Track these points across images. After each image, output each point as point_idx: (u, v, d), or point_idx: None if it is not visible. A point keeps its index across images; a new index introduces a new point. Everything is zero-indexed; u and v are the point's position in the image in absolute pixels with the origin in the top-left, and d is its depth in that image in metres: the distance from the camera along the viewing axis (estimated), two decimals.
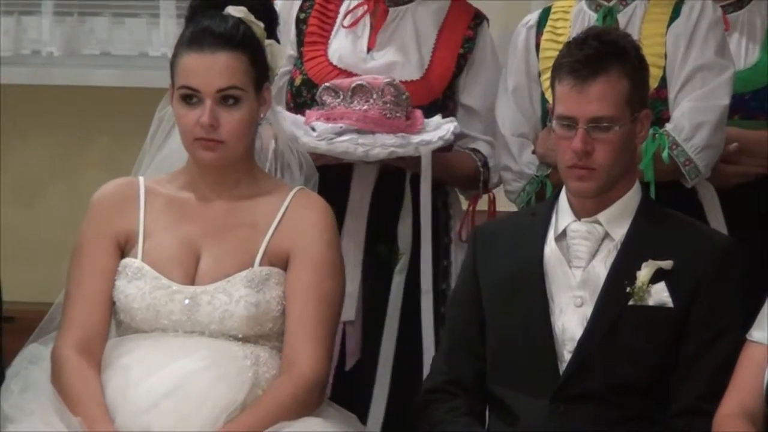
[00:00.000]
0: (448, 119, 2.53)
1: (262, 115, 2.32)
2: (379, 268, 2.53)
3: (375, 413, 2.51)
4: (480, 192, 2.62)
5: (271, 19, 2.36)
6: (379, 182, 2.53)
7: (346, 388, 2.45)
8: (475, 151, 2.60)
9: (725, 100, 2.45)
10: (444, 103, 2.57)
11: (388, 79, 2.48)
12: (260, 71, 2.29)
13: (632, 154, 2.25)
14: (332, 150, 2.43)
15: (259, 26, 2.30)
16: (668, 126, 2.44)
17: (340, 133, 2.45)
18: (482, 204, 2.68)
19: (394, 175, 2.53)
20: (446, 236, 2.63)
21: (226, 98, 2.24)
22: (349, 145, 2.43)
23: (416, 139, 2.46)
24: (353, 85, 2.47)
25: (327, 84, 2.50)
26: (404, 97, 2.48)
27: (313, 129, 2.46)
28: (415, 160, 2.47)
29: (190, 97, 2.25)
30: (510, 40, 2.63)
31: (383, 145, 2.44)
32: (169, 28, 3.30)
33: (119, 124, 3.25)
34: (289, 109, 2.59)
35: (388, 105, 2.46)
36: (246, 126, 2.27)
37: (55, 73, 3.38)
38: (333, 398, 2.37)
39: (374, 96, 2.45)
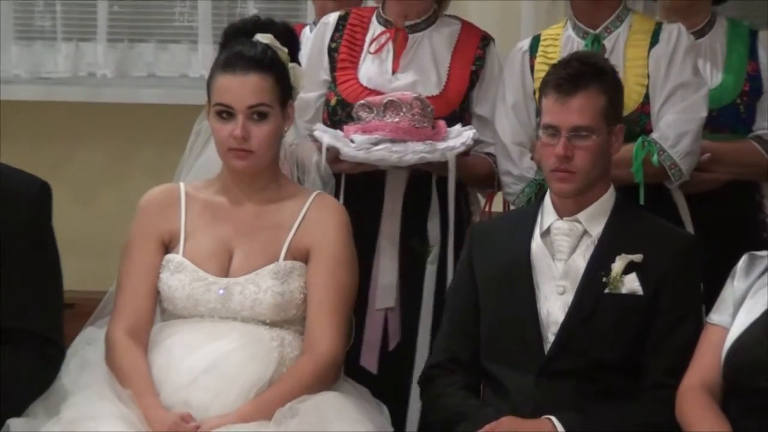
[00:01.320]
0: (467, 127, 2.52)
1: (286, 129, 2.32)
2: (413, 261, 2.52)
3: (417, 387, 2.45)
4: (495, 189, 2.61)
5: (293, 45, 2.36)
6: (409, 186, 2.53)
7: (390, 365, 2.45)
8: (490, 154, 2.59)
9: (703, 113, 2.45)
10: (461, 114, 2.56)
11: (415, 95, 2.48)
12: (285, 90, 2.29)
13: (607, 161, 2.25)
14: (369, 158, 2.43)
15: (283, 51, 2.31)
16: (655, 135, 2.43)
17: (375, 143, 2.45)
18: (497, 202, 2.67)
19: (421, 180, 2.53)
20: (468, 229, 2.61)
21: (256, 114, 2.24)
22: (385, 153, 2.43)
23: (442, 145, 2.46)
24: (385, 101, 2.48)
25: (361, 101, 2.50)
26: (429, 109, 2.49)
27: (352, 141, 2.46)
28: (441, 164, 2.47)
29: (224, 113, 2.26)
30: (504, 61, 2.60)
31: (414, 151, 2.43)
32: (206, 53, 3.26)
33: (163, 136, 3.21)
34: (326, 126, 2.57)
35: (416, 117, 2.46)
36: (273, 138, 2.27)
37: (108, 92, 3.37)
38: (379, 374, 2.40)
39: (404, 109, 2.46)
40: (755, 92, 2.57)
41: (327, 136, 2.46)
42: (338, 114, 2.56)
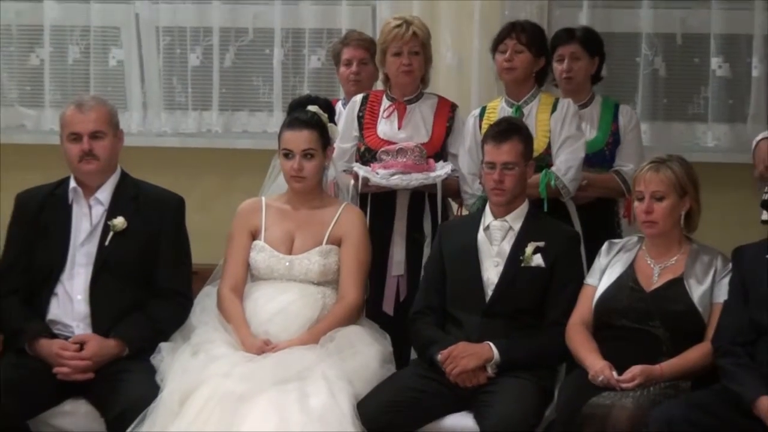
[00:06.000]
0: (446, 163, 2.64)
1: (326, 163, 2.44)
2: (415, 246, 2.61)
3: None
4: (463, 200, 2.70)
5: (331, 112, 2.49)
6: (411, 200, 2.62)
7: (399, 311, 2.52)
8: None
9: (582, 154, 2.59)
10: (441, 153, 2.67)
11: (415, 145, 2.61)
12: (325, 140, 2.42)
13: (525, 184, 2.39)
14: (389, 184, 2.56)
15: (324, 116, 2.44)
16: (553, 168, 2.57)
17: (392, 174, 2.57)
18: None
19: (418, 196, 2.63)
20: None
21: (307, 155, 2.37)
22: (398, 181, 2.55)
23: (433, 174, 2.58)
24: (397, 148, 2.61)
25: (382, 149, 2.62)
26: (424, 153, 2.62)
27: (377, 173, 2.59)
28: (432, 185, 2.59)
29: (287, 155, 2.38)
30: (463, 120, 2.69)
31: (416, 179, 2.56)
32: (278, 117, 3.17)
33: (252, 168, 3.08)
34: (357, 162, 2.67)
35: (416, 157, 2.59)
36: (317, 169, 2.40)
37: (218, 141, 3.31)
38: (394, 317, 2.47)
39: (408, 154, 2.59)
40: (616, 143, 2.73)
41: (362, 171, 2.60)
42: (366, 156, 2.69)
